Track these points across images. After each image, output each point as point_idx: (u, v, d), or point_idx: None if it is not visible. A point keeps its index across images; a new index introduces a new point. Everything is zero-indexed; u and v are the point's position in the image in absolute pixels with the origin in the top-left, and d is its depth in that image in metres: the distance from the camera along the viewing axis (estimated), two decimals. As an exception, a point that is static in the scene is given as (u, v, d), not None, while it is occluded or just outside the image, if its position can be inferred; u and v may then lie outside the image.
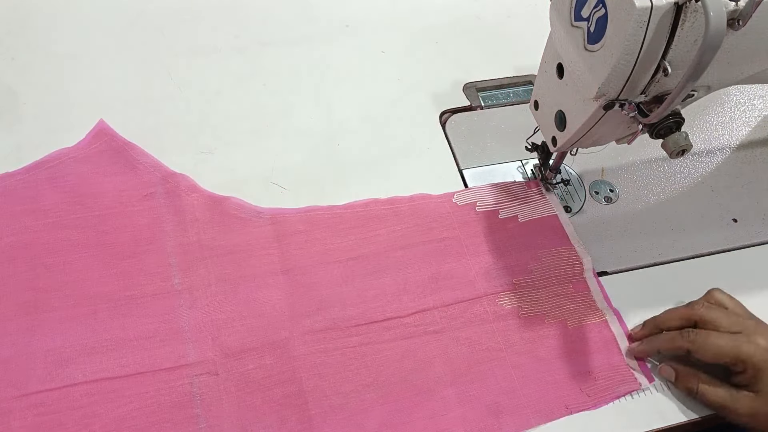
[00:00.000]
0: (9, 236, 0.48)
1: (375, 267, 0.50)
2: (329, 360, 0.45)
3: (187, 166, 0.56)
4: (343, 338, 0.46)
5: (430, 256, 0.51)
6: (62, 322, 0.44)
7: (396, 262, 0.51)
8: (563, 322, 0.48)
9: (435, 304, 0.48)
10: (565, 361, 0.47)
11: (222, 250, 0.49)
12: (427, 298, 0.49)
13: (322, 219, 0.52)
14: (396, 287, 0.49)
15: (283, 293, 0.48)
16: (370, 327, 0.47)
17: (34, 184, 0.51)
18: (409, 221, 0.53)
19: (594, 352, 0.47)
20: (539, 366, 0.46)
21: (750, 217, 0.56)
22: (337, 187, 0.56)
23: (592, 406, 0.45)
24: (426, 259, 0.51)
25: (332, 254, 0.50)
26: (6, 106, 0.59)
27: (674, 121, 0.38)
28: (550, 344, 0.47)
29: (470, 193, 0.55)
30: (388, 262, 0.50)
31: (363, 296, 0.48)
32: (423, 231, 0.52)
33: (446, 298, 0.49)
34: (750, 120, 0.63)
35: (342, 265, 0.50)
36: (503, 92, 0.65)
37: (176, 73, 0.63)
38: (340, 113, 0.62)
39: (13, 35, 0.64)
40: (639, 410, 0.46)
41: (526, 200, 0.55)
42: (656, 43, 0.34)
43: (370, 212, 0.53)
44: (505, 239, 0.53)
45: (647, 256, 0.53)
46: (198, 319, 0.46)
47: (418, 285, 0.49)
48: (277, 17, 0.69)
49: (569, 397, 0.45)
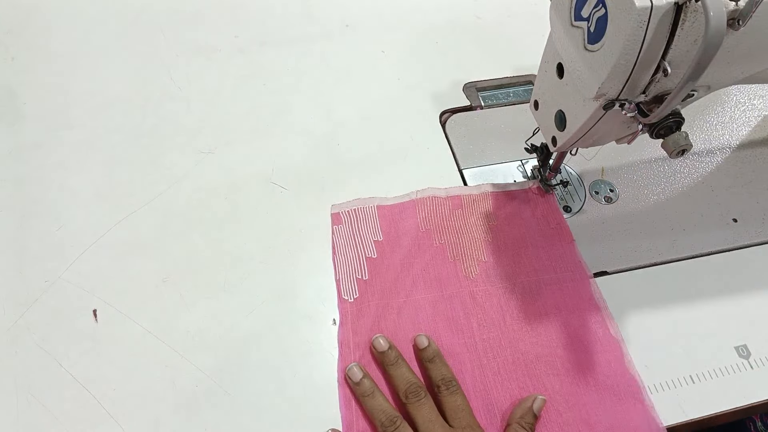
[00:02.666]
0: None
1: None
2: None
3: (187, 166, 0.56)
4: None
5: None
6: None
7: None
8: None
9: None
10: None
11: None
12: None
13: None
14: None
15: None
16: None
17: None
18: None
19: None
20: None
21: (750, 217, 0.56)
22: (336, 187, 0.56)
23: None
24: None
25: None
26: (6, 106, 0.59)
27: (674, 121, 0.38)
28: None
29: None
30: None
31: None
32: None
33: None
34: (750, 120, 0.63)
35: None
36: (503, 92, 0.65)
37: (176, 73, 0.63)
38: (340, 113, 0.62)
39: (13, 35, 0.64)
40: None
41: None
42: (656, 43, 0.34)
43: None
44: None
45: (647, 256, 0.53)
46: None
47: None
48: (277, 17, 0.69)
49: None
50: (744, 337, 0.49)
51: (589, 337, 0.48)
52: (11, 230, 0.52)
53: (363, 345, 0.47)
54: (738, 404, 0.46)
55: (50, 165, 0.56)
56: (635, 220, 0.55)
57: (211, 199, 0.54)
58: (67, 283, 0.49)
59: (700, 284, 0.51)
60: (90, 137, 0.58)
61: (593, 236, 0.54)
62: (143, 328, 0.47)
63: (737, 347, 0.48)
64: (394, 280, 0.50)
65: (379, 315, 0.49)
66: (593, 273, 0.52)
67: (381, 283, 0.50)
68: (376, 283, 0.50)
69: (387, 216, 0.54)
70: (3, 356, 0.46)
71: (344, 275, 0.51)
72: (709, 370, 0.47)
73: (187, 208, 0.54)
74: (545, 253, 0.53)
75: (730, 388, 0.46)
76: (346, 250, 0.52)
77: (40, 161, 0.56)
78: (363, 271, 0.51)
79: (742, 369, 0.47)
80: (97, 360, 0.46)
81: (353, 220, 0.54)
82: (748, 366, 0.47)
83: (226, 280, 0.50)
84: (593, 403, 0.45)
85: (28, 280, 0.49)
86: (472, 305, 0.50)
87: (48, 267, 0.50)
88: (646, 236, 0.54)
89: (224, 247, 0.52)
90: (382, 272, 0.51)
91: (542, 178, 0.56)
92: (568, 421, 0.44)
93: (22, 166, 0.55)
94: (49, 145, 0.57)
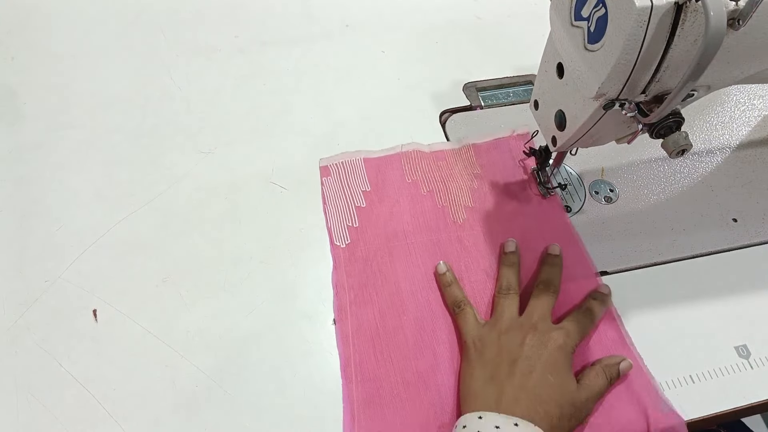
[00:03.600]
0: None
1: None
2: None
3: (187, 166, 0.56)
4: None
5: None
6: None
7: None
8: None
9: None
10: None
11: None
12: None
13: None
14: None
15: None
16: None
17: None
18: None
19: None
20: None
21: (750, 217, 0.56)
22: (337, 187, 0.56)
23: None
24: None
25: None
26: (6, 106, 0.59)
27: (674, 121, 0.38)
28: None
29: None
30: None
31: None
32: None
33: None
34: (750, 120, 0.63)
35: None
36: (503, 92, 0.65)
37: (176, 73, 0.63)
38: (340, 113, 0.62)
39: (13, 35, 0.64)
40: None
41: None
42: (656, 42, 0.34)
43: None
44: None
45: (647, 256, 0.53)
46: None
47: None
48: (277, 17, 0.69)
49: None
50: (744, 337, 0.48)
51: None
52: (11, 230, 0.52)
53: (357, 286, 0.50)
54: (738, 404, 0.46)
55: (50, 165, 0.56)
56: (635, 220, 0.55)
57: (211, 199, 0.54)
58: (67, 283, 0.49)
59: (700, 284, 0.51)
60: (90, 137, 0.58)
61: (593, 236, 0.54)
62: (143, 328, 0.47)
63: (737, 347, 0.48)
64: (384, 226, 0.53)
65: (371, 258, 0.51)
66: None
67: (372, 229, 0.53)
68: (367, 230, 0.53)
69: (374, 168, 0.57)
70: (3, 356, 0.46)
71: (335, 223, 0.53)
72: (709, 370, 0.47)
73: (187, 208, 0.54)
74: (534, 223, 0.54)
75: (730, 388, 0.46)
76: (336, 201, 0.54)
77: (40, 161, 0.56)
78: (353, 218, 0.54)
79: (742, 369, 0.47)
80: (97, 360, 0.46)
81: (341, 172, 0.56)
82: (748, 366, 0.47)
83: (226, 280, 0.50)
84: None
85: (28, 280, 0.49)
86: (460, 249, 0.52)
87: (48, 267, 0.50)
88: (646, 236, 0.54)
89: (224, 247, 0.52)
90: (372, 219, 0.54)
91: (541, 181, 0.56)
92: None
93: (22, 166, 0.56)
94: (49, 145, 0.57)
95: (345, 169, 0.57)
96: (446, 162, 0.58)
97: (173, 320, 0.48)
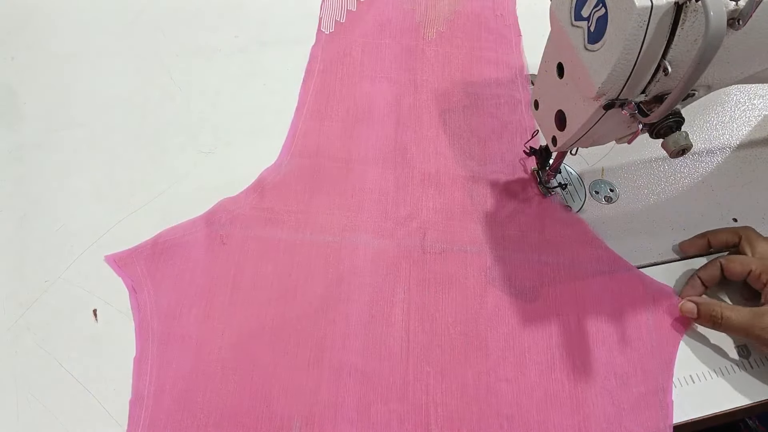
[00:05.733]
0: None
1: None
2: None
3: (187, 166, 0.56)
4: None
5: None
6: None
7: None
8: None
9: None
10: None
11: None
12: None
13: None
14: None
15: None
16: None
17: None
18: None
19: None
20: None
21: (750, 217, 0.56)
22: (337, 187, 0.56)
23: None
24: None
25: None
26: (6, 106, 0.59)
27: (674, 121, 0.38)
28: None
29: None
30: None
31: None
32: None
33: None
34: (750, 120, 0.63)
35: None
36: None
37: (176, 73, 0.63)
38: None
39: (13, 35, 0.64)
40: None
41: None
42: (656, 42, 0.34)
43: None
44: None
45: (647, 256, 0.53)
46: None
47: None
48: (277, 17, 0.69)
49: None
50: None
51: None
52: (11, 230, 0.52)
53: (336, 60, 0.64)
54: (738, 404, 0.46)
55: (50, 165, 0.56)
56: (635, 220, 0.55)
57: (211, 199, 0.54)
58: (67, 283, 0.49)
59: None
60: (90, 137, 0.58)
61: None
62: (143, 328, 0.47)
63: (737, 347, 0.48)
64: (362, 28, 0.66)
65: (347, 53, 0.64)
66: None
67: (353, 29, 0.66)
68: (350, 28, 0.66)
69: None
70: (3, 356, 0.46)
71: (325, 15, 0.68)
72: (709, 370, 0.47)
73: (187, 208, 0.54)
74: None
75: (730, 388, 0.46)
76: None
77: (40, 161, 0.56)
78: (342, 16, 0.68)
79: (742, 369, 0.47)
80: (97, 360, 0.46)
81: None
82: (748, 366, 0.47)
83: (226, 280, 0.50)
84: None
85: (28, 280, 0.49)
86: (422, 60, 0.64)
87: (48, 267, 0.50)
88: (646, 236, 0.54)
89: (224, 247, 0.52)
90: (356, 21, 0.66)
91: (541, 181, 0.56)
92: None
93: (22, 166, 0.55)
94: (49, 145, 0.57)
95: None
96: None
97: (173, 320, 0.48)
